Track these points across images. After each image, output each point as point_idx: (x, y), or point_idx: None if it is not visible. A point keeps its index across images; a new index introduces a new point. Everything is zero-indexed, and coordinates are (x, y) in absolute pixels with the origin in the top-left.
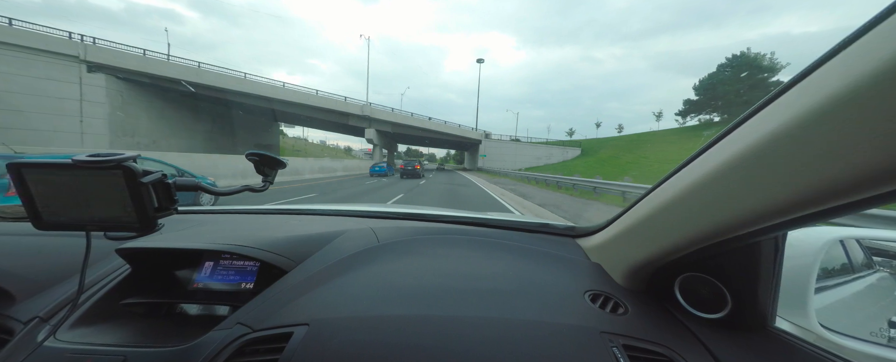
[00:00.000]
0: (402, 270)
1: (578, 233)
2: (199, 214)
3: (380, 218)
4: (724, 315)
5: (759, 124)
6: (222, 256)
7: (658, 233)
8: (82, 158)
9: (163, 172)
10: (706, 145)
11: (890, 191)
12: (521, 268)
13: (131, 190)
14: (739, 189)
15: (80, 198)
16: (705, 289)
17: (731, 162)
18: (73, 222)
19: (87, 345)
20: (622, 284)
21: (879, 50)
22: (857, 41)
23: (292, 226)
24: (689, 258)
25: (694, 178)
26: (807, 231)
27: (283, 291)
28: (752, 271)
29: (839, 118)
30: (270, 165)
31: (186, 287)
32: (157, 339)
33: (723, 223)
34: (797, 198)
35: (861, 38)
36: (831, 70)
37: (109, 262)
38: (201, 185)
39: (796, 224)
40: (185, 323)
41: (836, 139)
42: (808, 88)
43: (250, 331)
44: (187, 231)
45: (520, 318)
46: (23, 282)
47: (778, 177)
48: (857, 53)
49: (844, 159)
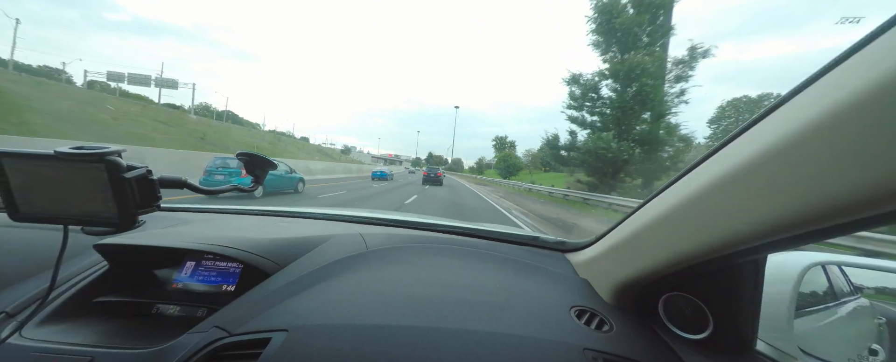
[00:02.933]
0: (389, 278)
1: (568, 248)
2: (185, 212)
3: (370, 224)
4: (706, 336)
5: (746, 144)
6: (205, 256)
7: (644, 250)
8: (65, 150)
9: (147, 167)
10: (693, 164)
11: (876, 214)
12: (508, 280)
13: (114, 184)
14: (723, 209)
15: (59, 191)
16: (689, 309)
17: (716, 182)
18: (50, 215)
19: (53, 344)
20: (608, 301)
21: (867, 69)
22: (841, 64)
23: (280, 229)
24: (673, 277)
25: (680, 197)
26: (787, 255)
27: (265, 295)
28: (734, 293)
29: (825, 139)
30: (261, 166)
31: (165, 287)
32: (129, 340)
33: (705, 243)
34: (782, 220)
35: (843, 62)
36: (820, 90)
37: (86, 258)
38: (187, 182)
39: (779, 246)
40: (161, 324)
41: (823, 160)
42: (795, 109)
43: (226, 335)
44: (170, 229)
45: (503, 332)
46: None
47: (763, 198)
48: (841, 75)
49: (829, 181)
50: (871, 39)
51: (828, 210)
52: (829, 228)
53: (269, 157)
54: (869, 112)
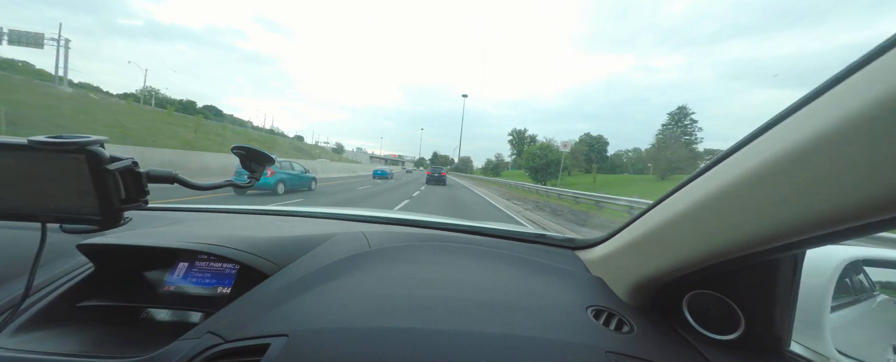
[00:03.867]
0: (394, 278)
1: (578, 245)
2: (176, 212)
3: (372, 222)
4: (736, 336)
5: (790, 130)
6: (198, 257)
7: (667, 247)
8: (41, 139)
9: (133, 159)
10: (724, 154)
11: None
12: (519, 279)
13: (95, 177)
14: (763, 202)
15: (35, 185)
16: (716, 309)
17: (755, 172)
18: (25, 211)
19: (30, 354)
20: (625, 300)
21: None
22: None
23: (277, 228)
24: (699, 274)
25: (709, 190)
26: (820, 249)
27: (263, 297)
28: (769, 291)
29: (881, 125)
30: (258, 160)
31: (156, 290)
32: (115, 348)
33: (741, 239)
34: (831, 214)
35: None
36: (874, 72)
37: (71, 259)
38: (177, 177)
39: (824, 240)
40: (151, 330)
41: (878, 148)
42: (846, 92)
43: (222, 342)
44: (161, 228)
45: (520, 334)
46: None
47: (808, 189)
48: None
49: (885, 170)
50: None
51: (882, 202)
52: (881, 222)
53: (267, 152)
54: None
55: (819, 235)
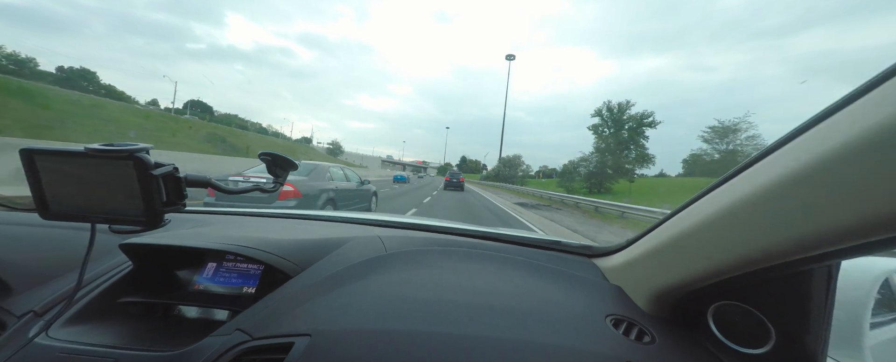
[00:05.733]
0: (411, 281)
1: (595, 253)
2: (206, 214)
3: (388, 227)
4: (766, 351)
5: (819, 138)
6: (226, 257)
7: (692, 255)
8: (95, 147)
9: (174, 165)
10: (754, 157)
11: None
12: (535, 285)
13: (141, 181)
14: (792, 211)
15: (88, 189)
16: (743, 321)
17: (789, 176)
18: (79, 212)
19: (78, 345)
20: (646, 309)
21: None
22: None
23: (299, 231)
24: (725, 284)
25: (734, 197)
26: (856, 261)
27: (286, 298)
28: (802, 303)
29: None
30: (282, 166)
31: (187, 288)
32: (152, 342)
33: (772, 247)
34: (870, 222)
35: None
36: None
37: (113, 258)
38: (212, 182)
39: (857, 251)
40: (182, 326)
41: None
42: (879, 99)
43: (249, 339)
44: (193, 229)
45: (537, 341)
46: (23, 275)
47: (847, 195)
48: None
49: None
50: None
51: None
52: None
53: (290, 158)
54: None
55: (852, 246)
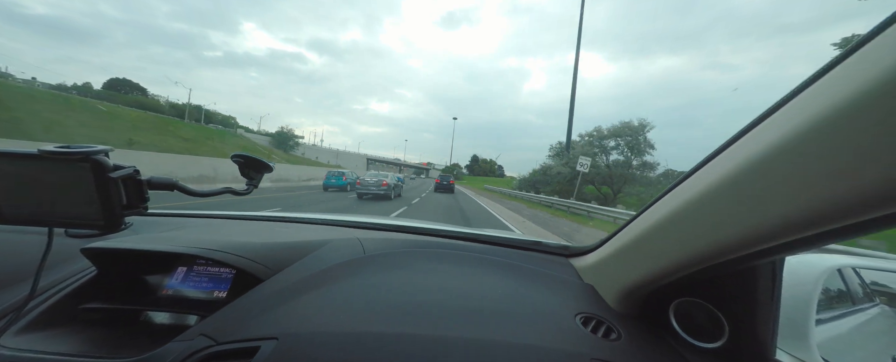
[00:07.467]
0: (387, 284)
1: (572, 253)
2: (176, 217)
3: (369, 229)
4: (721, 344)
5: (760, 136)
6: (197, 261)
7: (652, 253)
8: (49, 149)
9: (135, 167)
10: (704, 160)
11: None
12: (511, 286)
13: (99, 184)
14: (737, 207)
15: (44, 192)
16: (702, 316)
17: (728, 178)
18: (34, 217)
19: (32, 354)
20: (615, 307)
21: (884, 58)
22: (859, 50)
23: (274, 234)
24: (684, 281)
25: (689, 196)
26: (803, 258)
27: (256, 301)
28: (750, 298)
29: (845, 128)
30: (256, 168)
31: (156, 293)
32: (113, 349)
33: (718, 244)
34: (800, 218)
35: (862, 47)
36: (836, 79)
37: (75, 263)
38: (177, 184)
39: (799, 246)
40: (149, 332)
41: (843, 152)
42: (812, 98)
43: (213, 344)
44: (162, 233)
45: (506, 341)
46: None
47: (779, 194)
48: (860, 61)
49: (852, 174)
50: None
51: (850, 206)
52: (850, 226)
53: (265, 160)
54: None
55: (791, 240)
